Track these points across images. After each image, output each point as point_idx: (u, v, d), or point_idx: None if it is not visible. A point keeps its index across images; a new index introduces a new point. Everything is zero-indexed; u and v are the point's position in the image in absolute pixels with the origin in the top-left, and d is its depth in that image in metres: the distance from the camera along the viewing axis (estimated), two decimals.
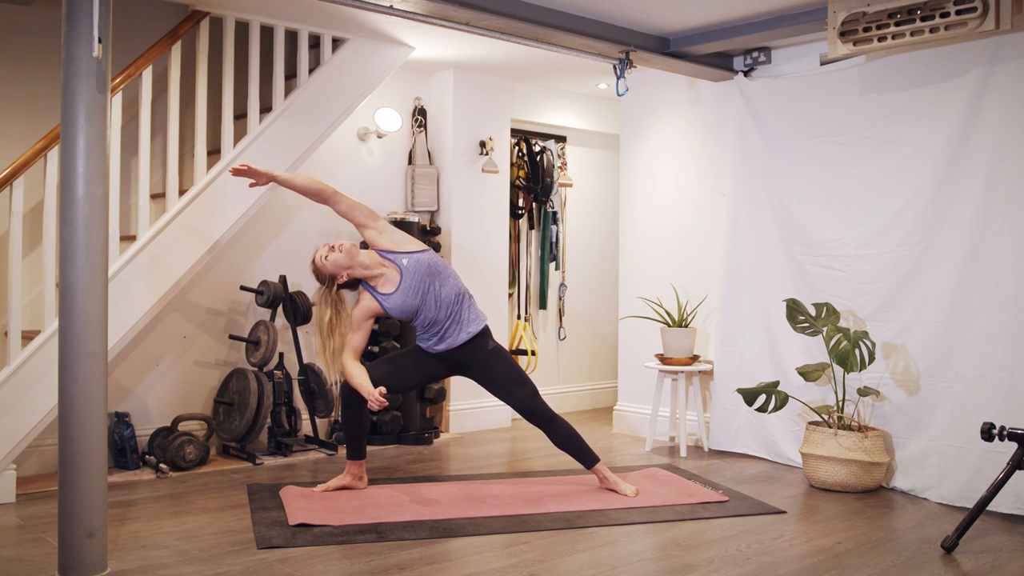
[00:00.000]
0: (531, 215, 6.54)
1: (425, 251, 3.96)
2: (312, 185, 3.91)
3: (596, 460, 4.11)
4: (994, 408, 3.95)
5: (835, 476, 4.25)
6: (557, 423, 4.05)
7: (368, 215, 3.96)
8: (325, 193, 3.91)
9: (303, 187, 3.91)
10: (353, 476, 4.08)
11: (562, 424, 4.07)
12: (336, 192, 3.94)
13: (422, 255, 3.93)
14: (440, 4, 3.98)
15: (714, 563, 3.20)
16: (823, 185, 4.69)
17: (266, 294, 4.97)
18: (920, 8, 3.93)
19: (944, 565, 3.24)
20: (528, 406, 4.01)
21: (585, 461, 4.11)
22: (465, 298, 4.00)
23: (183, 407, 4.87)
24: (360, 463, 4.08)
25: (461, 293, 3.98)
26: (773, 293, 4.86)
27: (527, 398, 4.01)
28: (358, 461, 4.07)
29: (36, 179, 4.21)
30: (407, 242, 3.97)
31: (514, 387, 4.01)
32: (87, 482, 2.93)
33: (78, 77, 2.91)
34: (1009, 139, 3.98)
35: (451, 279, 3.96)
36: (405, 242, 3.97)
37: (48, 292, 4.02)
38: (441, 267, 3.96)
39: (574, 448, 4.09)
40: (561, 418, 4.09)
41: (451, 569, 3.11)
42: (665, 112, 5.63)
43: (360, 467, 4.09)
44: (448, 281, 3.94)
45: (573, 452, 4.09)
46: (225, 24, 4.58)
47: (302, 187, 3.91)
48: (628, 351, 5.79)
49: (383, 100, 5.60)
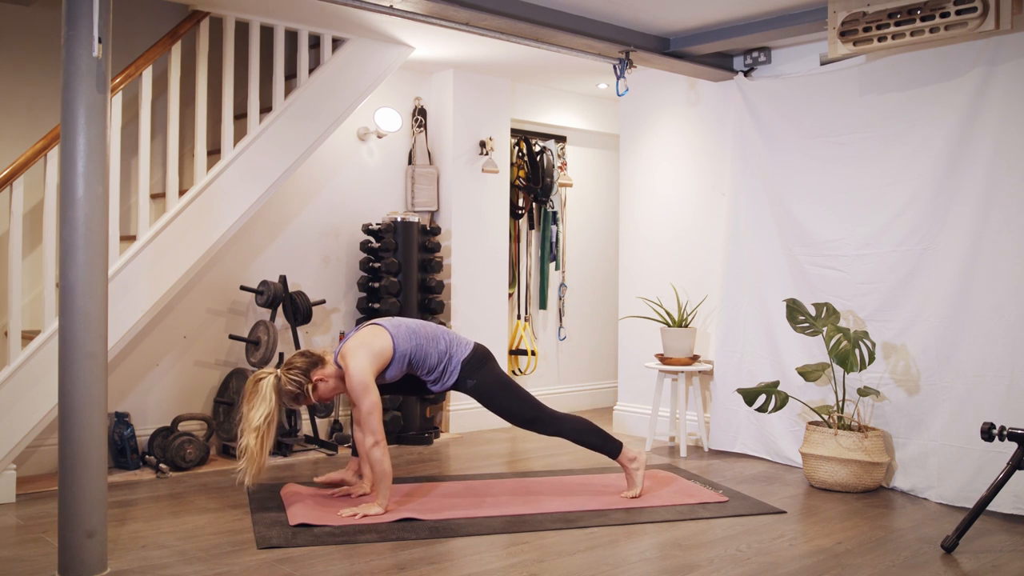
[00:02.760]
0: (531, 215, 6.54)
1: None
2: (369, 456, 3.69)
3: (619, 447, 4.01)
4: (994, 408, 3.95)
5: (835, 476, 4.25)
6: (565, 426, 3.98)
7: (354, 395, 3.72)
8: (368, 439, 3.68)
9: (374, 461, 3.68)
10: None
11: (572, 422, 4.01)
12: (370, 434, 3.66)
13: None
14: (440, 4, 3.98)
15: (714, 563, 3.20)
16: (823, 185, 4.69)
17: (266, 294, 4.97)
18: (920, 8, 3.93)
19: (944, 565, 3.24)
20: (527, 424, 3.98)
21: (609, 452, 4.01)
22: (444, 357, 3.88)
23: (183, 407, 4.87)
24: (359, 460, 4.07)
25: (441, 353, 3.88)
26: (773, 293, 4.86)
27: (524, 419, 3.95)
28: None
29: (36, 179, 4.21)
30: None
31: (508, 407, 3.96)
32: (87, 482, 2.93)
33: (78, 77, 2.91)
34: (1009, 139, 3.97)
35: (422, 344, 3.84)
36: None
37: (48, 292, 4.02)
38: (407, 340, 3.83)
39: (595, 443, 3.99)
40: (567, 418, 4.03)
41: (451, 569, 3.11)
42: (665, 112, 5.63)
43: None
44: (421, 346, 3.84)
45: (596, 447, 4.01)
46: (225, 24, 4.58)
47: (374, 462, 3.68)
48: (628, 351, 5.79)
49: (383, 100, 5.60)
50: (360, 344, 3.71)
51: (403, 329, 3.81)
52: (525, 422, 3.96)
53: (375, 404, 3.63)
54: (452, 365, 3.88)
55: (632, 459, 4.04)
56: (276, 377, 3.66)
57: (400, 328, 3.81)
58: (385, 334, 3.76)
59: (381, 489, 3.67)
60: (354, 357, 3.67)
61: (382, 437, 3.64)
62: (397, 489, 4.07)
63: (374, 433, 3.62)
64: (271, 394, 3.61)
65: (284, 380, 3.67)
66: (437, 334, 3.90)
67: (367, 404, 3.62)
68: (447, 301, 5.76)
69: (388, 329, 3.78)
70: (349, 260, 5.56)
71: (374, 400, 3.63)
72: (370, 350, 3.69)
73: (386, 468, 3.65)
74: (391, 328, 3.79)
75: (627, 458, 4.03)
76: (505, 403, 3.94)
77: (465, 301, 5.83)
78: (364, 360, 3.66)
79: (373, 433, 3.62)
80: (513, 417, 3.96)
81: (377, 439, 3.62)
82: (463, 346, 3.93)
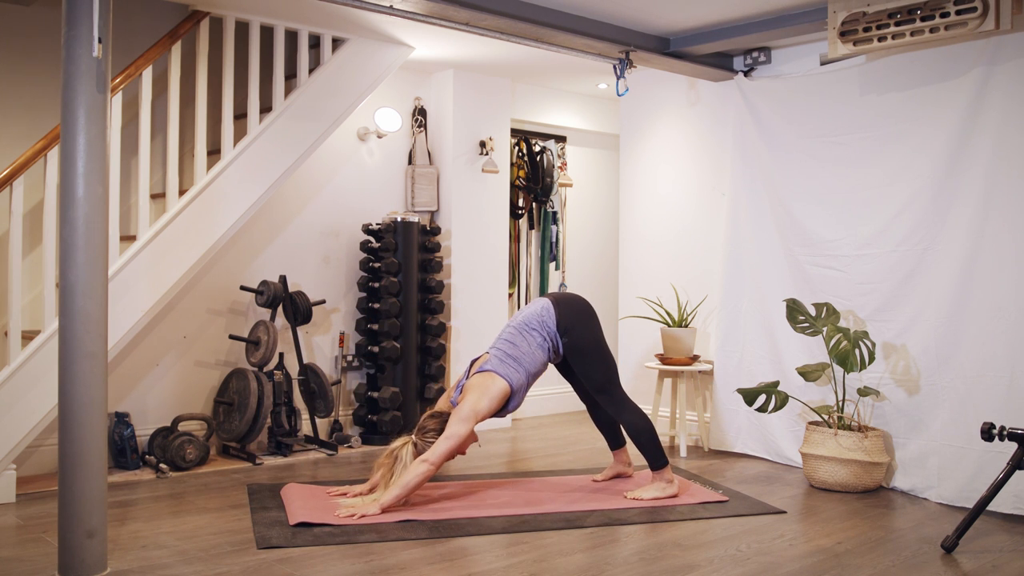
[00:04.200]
0: (531, 215, 6.54)
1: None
2: (414, 466, 3.75)
3: (666, 463, 4.07)
4: (994, 408, 3.95)
5: (835, 476, 4.25)
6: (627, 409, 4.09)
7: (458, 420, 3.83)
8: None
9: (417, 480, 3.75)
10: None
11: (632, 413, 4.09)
12: (431, 453, 3.75)
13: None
14: (440, 4, 3.98)
15: (714, 563, 3.20)
16: (823, 185, 4.69)
17: (266, 294, 4.97)
18: (920, 8, 3.93)
19: (944, 565, 3.24)
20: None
21: (653, 461, 4.06)
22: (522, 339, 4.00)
23: (183, 407, 4.87)
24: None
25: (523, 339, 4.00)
26: (773, 293, 4.86)
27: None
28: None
29: (36, 179, 4.21)
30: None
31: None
32: (87, 482, 2.93)
33: (78, 77, 2.91)
34: (1009, 139, 3.97)
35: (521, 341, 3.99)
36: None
37: (48, 292, 4.02)
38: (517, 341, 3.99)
39: (647, 446, 4.04)
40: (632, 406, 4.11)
41: (451, 569, 3.11)
42: (665, 112, 5.63)
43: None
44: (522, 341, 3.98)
45: (645, 450, 4.05)
46: (225, 24, 4.58)
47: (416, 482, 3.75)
48: (628, 351, 5.79)
49: (383, 100, 5.60)
50: (478, 388, 3.87)
51: (508, 363, 3.92)
52: (596, 387, 4.03)
53: (459, 437, 3.75)
54: (556, 339, 3.99)
55: (669, 481, 4.06)
56: (413, 444, 3.80)
57: (505, 365, 3.91)
58: (498, 378, 3.89)
59: (393, 491, 3.70)
60: (472, 394, 3.84)
61: (437, 464, 3.74)
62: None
63: (435, 454, 3.72)
64: (410, 460, 3.76)
65: (420, 446, 3.81)
66: (527, 332, 3.98)
67: (452, 429, 3.76)
68: (447, 301, 5.76)
69: (499, 373, 3.90)
70: (349, 260, 5.56)
71: (462, 434, 3.76)
72: (487, 394, 3.85)
73: (413, 483, 3.70)
74: (500, 370, 3.90)
75: (665, 479, 4.05)
76: (589, 364, 4.02)
77: (465, 301, 5.83)
78: (480, 400, 3.83)
79: (434, 454, 3.72)
80: (588, 379, 4.04)
81: (432, 460, 3.72)
82: (547, 315, 4.00)
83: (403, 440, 3.83)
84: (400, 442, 3.82)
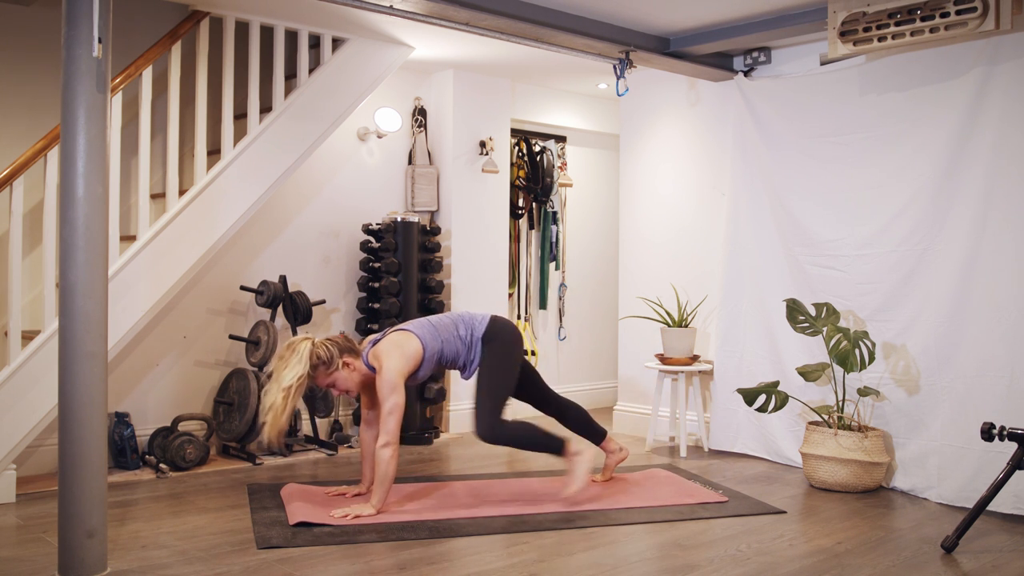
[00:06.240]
0: (531, 215, 6.54)
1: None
2: (377, 455, 3.68)
3: (562, 444, 3.99)
4: (994, 408, 3.95)
5: (835, 476, 4.25)
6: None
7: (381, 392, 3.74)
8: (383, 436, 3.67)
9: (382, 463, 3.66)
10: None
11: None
12: (385, 434, 3.65)
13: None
14: (440, 4, 3.98)
15: (714, 563, 3.20)
16: (823, 185, 4.69)
17: (266, 294, 4.97)
18: (920, 8, 3.93)
19: (944, 565, 3.24)
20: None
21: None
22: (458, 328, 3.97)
23: (183, 407, 4.87)
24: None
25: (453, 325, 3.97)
26: (773, 293, 4.86)
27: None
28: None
29: (36, 179, 4.21)
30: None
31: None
32: (87, 482, 2.93)
33: (78, 77, 2.91)
34: (1009, 139, 3.97)
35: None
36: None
37: (48, 292, 4.02)
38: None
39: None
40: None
41: (451, 569, 3.11)
42: (665, 112, 5.63)
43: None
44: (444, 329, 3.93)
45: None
46: (225, 24, 4.58)
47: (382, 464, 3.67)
48: (628, 351, 5.79)
49: (383, 100, 5.60)
50: (393, 345, 3.78)
51: (427, 328, 3.88)
52: (480, 399, 3.86)
53: (398, 405, 3.66)
54: (475, 345, 3.95)
55: (576, 453, 3.97)
56: (312, 343, 3.72)
57: (424, 328, 3.88)
58: (413, 337, 3.82)
59: (378, 490, 3.67)
60: (388, 357, 3.73)
61: (396, 440, 3.66)
62: (397, 489, 4.07)
63: (389, 434, 3.64)
64: (306, 357, 3.67)
65: (319, 345, 3.73)
66: (455, 321, 3.98)
67: (391, 403, 3.66)
68: (447, 301, 5.76)
69: (415, 332, 3.85)
70: (349, 260, 5.56)
71: (398, 401, 3.67)
72: (403, 352, 3.76)
73: (390, 471, 3.65)
74: (417, 331, 3.86)
75: (571, 452, 3.97)
76: (481, 380, 3.91)
77: (465, 301, 5.83)
78: (398, 361, 3.73)
79: (388, 434, 3.64)
80: (480, 388, 3.89)
81: (390, 440, 3.64)
82: (480, 322, 3.99)
83: (306, 336, 3.75)
84: (302, 338, 3.73)
